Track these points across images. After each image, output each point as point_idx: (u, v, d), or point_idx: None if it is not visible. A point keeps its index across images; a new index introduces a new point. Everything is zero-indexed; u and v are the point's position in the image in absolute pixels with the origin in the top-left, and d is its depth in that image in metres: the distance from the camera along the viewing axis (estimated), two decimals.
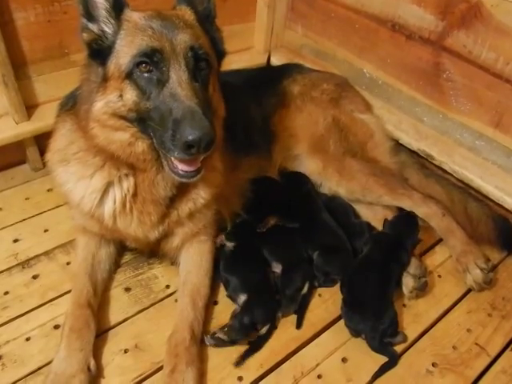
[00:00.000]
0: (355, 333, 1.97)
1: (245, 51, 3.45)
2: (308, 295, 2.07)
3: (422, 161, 2.78)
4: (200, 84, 1.65)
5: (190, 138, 1.46)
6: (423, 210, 2.42)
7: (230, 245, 2.14)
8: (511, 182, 2.47)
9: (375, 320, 1.90)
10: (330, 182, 2.52)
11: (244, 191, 2.37)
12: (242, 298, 1.95)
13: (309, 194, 2.44)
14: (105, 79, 1.66)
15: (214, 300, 2.06)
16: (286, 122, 2.60)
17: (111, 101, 1.64)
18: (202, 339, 1.87)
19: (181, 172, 1.62)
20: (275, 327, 1.97)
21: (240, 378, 1.83)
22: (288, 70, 2.84)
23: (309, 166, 2.55)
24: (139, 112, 1.63)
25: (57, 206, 2.44)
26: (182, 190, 1.91)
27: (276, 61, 3.37)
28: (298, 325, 2.02)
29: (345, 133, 2.61)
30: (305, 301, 2.07)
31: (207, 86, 1.72)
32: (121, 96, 1.62)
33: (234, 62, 3.03)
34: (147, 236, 1.94)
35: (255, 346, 1.90)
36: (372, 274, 2.06)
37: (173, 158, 1.62)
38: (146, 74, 1.60)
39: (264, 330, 1.93)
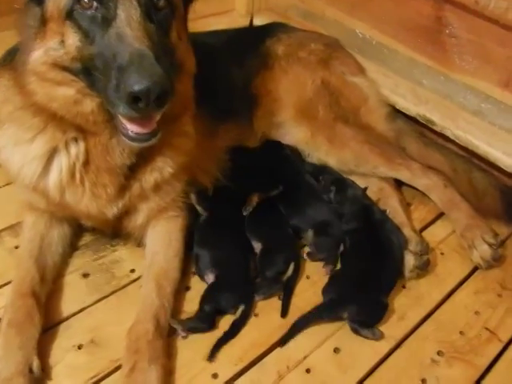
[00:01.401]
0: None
1: (225, 14, 3.20)
2: (294, 278, 1.85)
3: (420, 129, 2.59)
4: (156, 26, 1.40)
5: (136, 87, 1.22)
6: (423, 181, 2.26)
7: (200, 210, 1.95)
8: None
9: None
10: (319, 152, 2.32)
11: (222, 161, 2.20)
12: (210, 276, 1.77)
13: (287, 158, 2.27)
14: (43, 22, 1.41)
15: (186, 285, 1.83)
16: (269, 84, 2.37)
17: (51, 48, 1.40)
18: (170, 331, 1.67)
19: (131, 134, 1.39)
20: (249, 312, 1.76)
21: (215, 376, 1.60)
22: (272, 30, 2.60)
23: (295, 134, 2.35)
24: (84, 61, 1.38)
25: (6, 184, 2.14)
26: (144, 158, 1.68)
27: (260, 24, 3.07)
28: (284, 312, 1.80)
29: (335, 97, 2.39)
30: (290, 284, 1.86)
31: (168, 31, 1.47)
32: (62, 42, 1.39)
33: (213, 25, 2.78)
34: (104, 212, 1.69)
35: (228, 334, 1.68)
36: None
37: (121, 117, 1.39)
38: (88, 12, 1.35)
39: (238, 314, 1.72)
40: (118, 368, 1.56)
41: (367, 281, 1.80)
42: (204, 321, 1.68)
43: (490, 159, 2.31)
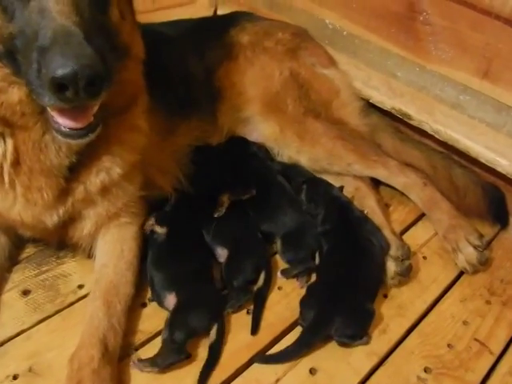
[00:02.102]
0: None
1: (187, 5, 3.00)
2: (265, 289, 1.70)
3: (396, 124, 2.46)
4: (90, 1, 1.19)
5: (59, 72, 1.03)
6: (401, 179, 2.13)
7: (161, 231, 1.73)
8: (503, 141, 2.11)
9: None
10: (290, 149, 2.17)
11: (183, 161, 2.02)
12: (171, 299, 1.56)
13: (255, 156, 2.11)
14: None
15: (142, 302, 1.65)
16: (233, 76, 2.21)
17: None
18: (121, 355, 1.48)
19: (64, 129, 1.22)
20: (224, 329, 1.58)
21: None
22: (236, 18, 2.43)
23: (263, 130, 2.20)
24: (4, 42, 1.20)
25: None
26: (88, 157, 1.49)
27: None
28: (254, 329, 1.62)
29: (305, 89, 2.24)
30: (261, 296, 1.70)
31: (105, 8, 1.29)
32: None
33: (174, 17, 2.57)
34: (42, 221, 1.49)
35: (211, 361, 1.50)
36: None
37: (49, 109, 1.20)
38: None
39: (213, 335, 1.53)
40: None
41: (349, 288, 1.63)
42: (180, 352, 1.47)
43: (471, 154, 2.17)
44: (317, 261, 1.79)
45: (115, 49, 1.30)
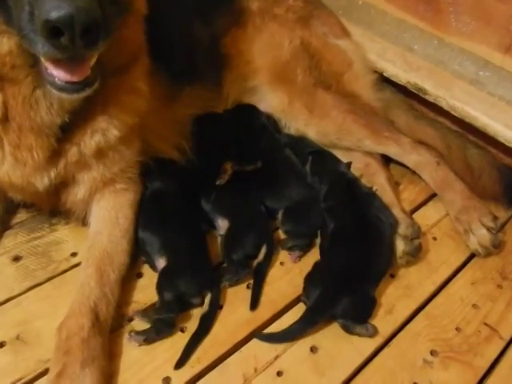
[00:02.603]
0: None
1: None
2: (265, 264, 1.65)
3: (410, 101, 2.41)
4: None
5: (54, 14, 0.96)
6: (413, 157, 2.07)
7: (152, 186, 1.71)
8: None
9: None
10: (297, 121, 2.11)
11: (185, 130, 1.97)
12: (161, 263, 1.54)
13: (264, 128, 2.04)
14: None
15: (138, 272, 1.61)
16: (241, 44, 2.13)
17: None
18: (114, 326, 1.45)
19: (58, 82, 1.15)
20: (218, 301, 1.54)
21: (167, 380, 1.37)
22: None
23: (271, 100, 2.13)
24: None
25: None
26: (82, 117, 1.42)
27: None
28: (253, 304, 1.57)
29: (316, 60, 2.17)
30: (261, 272, 1.65)
31: None
32: None
33: None
34: (32, 183, 1.44)
35: (200, 332, 1.47)
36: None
37: (43, 59, 1.14)
38: None
39: (206, 306, 1.50)
40: (47, 371, 1.32)
41: (357, 269, 1.57)
42: (170, 309, 1.45)
43: (489, 132, 2.10)
44: (318, 240, 1.76)
45: (115, 1, 1.23)
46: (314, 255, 1.75)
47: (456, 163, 2.12)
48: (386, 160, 2.15)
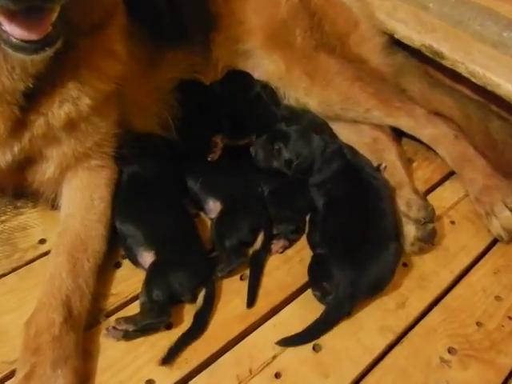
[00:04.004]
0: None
1: None
2: (263, 253, 1.67)
3: (425, 67, 2.42)
4: None
5: None
6: (428, 131, 2.09)
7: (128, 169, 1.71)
8: None
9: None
10: (297, 90, 2.13)
11: (169, 99, 1.98)
12: (147, 257, 1.53)
13: (259, 99, 2.05)
14: None
15: (116, 261, 1.63)
16: (232, 2, 2.14)
17: None
18: (90, 322, 1.46)
19: (14, 41, 1.15)
20: (213, 296, 1.56)
21: (150, 382, 1.37)
22: None
23: (266, 66, 2.15)
24: None
25: None
26: (50, 83, 1.42)
27: None
28: (250, 300, 1.58)
29: (318, 19, 2.18)
30: (258, 261, 1.67)
31: None
32: None
33: None
34: None
35: (194, 330, 1.47)
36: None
37: None
38: None
39: (200, 301, 1.51)
40: (13, 373, 1.32)
41: (368, 239, 1.60)
42: (160, 312, 1.44)
43: None
44: (306, 229, 1.77)
45: None
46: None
47: (476, 136, 2.13)
48: (398, 134, 2.17)
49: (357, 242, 1.58)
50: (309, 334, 1.50)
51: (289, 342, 1.48)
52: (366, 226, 1.62)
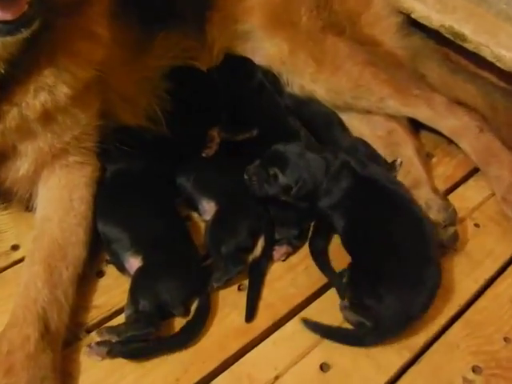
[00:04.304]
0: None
1: None
2: (264, 261, 1.69)
3: (445, 50, 2.45)
4: None
5: None
6: (449, 122, 2.12)
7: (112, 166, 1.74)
8: None
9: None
10: (302, 76, 2.15)
11: (158, 88, 1.99)
12: (135, 263, 1.54)
13: (262, 88, 2.07)
14: None
15: (99, 269, 1.66)
16: None
17: None
18: (69, 339, 1.47)
19: None
20: (208, 309, 1.57)
21: None
22: None
23: (267, 49, 2.18)
24: None
25: None
26: (24, 70, 1.43)
27: None
28: (249, 314, 1.59)
29: None
30: (259, 270, 1.69)
31: None
32: None
33: None
34: None
35: (175, 341, 1.49)
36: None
37: None
38: None
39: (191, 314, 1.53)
40: None
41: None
42: (147, 324, 1.44)
43: None
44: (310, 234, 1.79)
45: None
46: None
47: (503, 128, 2.15)
48: (415, 126, 2.20)
49: (398, 261, 1.58)
50: (359, 339, 1.52)
51: (331, 335, 1.52)
52: (403, 240, 1.62)
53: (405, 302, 1.51)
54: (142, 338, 1.44)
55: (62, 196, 1.61)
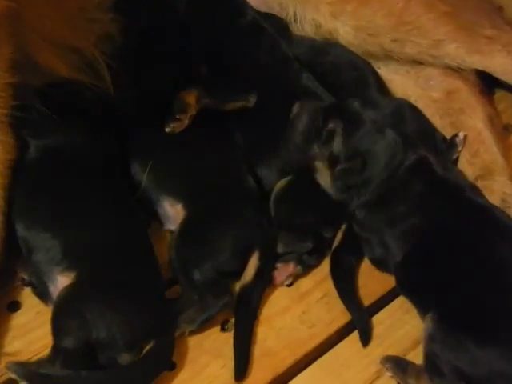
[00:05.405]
0: None
1: None
2: (258, 289, 1.69)
3: None
4: None
5: None
6: None
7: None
8: None
9: None
10: (317, 8, 2.18)
11: (101, 25, 2.01)
12: (62, 281, 1.55)
13: (257, 30, 2.10)
14: None
15: (12, 299, 1.69)
16: None
17: None
18: None
19: None
20: (170, 357, 1.56)
21: None
22: None
23: None
24: None
25: None
26: None
27: None
28: (239, 368, 1.58)
29: None
30: (250, 303, 1.69)
31: None
32: None
33: None
34: None
35: None
36: None
37: None
38: None
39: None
40: None
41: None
42: (68, 364, 1.43)
43: None
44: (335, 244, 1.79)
45: None
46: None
47: None
48: (488, 84, 2.23)
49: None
50: None
51: None
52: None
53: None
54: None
55: None
